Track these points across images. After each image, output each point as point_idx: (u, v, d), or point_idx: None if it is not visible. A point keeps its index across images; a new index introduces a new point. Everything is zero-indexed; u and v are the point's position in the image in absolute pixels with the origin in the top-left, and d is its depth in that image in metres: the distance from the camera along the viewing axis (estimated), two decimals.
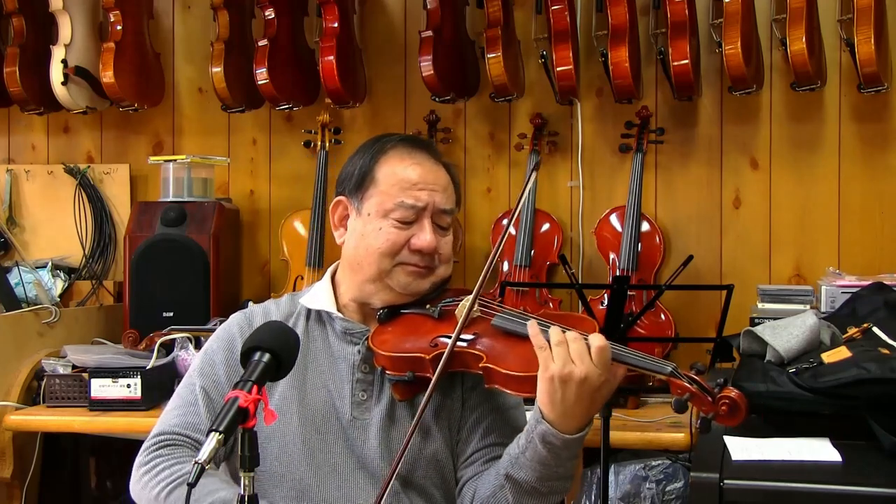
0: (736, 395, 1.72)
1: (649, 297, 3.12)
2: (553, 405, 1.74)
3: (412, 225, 1.93)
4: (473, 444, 1.94)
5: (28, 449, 3.22)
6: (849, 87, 3.40)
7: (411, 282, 1.95)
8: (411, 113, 3.75)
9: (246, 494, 1.52)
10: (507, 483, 1.82)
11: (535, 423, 1.77)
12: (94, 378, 3.05)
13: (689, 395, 1.74)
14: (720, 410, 1.73)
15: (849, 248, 3.44)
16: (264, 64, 3.48)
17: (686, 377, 1.76)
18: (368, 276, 1.95)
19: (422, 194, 1.93)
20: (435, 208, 1.95)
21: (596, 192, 3.60)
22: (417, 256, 1.93)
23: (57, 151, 4.03)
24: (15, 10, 3.67)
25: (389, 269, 1.93)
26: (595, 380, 1.74)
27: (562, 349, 1.74)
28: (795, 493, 1.95)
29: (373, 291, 1.96)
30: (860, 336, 2.46)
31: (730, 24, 3.16)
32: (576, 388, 1.73)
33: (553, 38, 3.35)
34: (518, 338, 1.85)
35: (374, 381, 1.94)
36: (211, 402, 1.90)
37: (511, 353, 1.83)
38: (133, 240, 3.51)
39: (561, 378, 1.73)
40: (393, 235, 1.92)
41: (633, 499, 2.89)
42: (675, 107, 3.54)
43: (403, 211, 1.92)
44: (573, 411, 1.74)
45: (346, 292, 2.01)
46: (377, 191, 1.94)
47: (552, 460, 1.77)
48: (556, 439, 1.75)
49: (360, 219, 1.96)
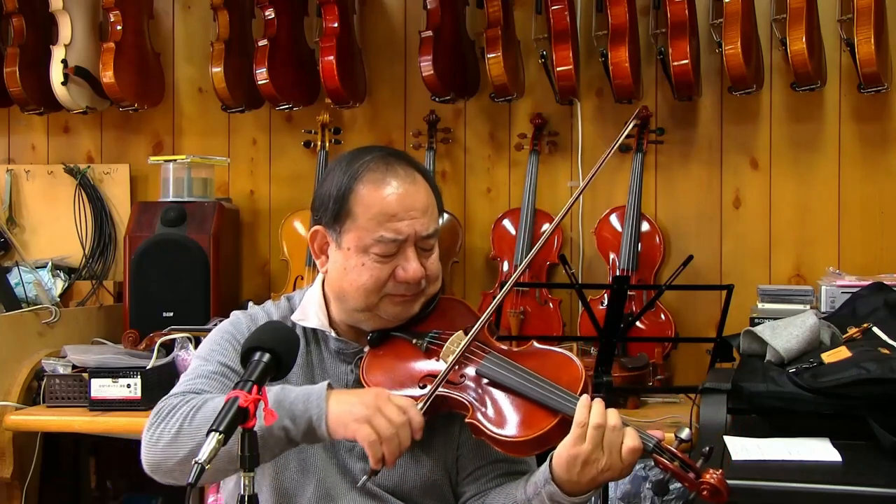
0: (717, 479, 1.66)
1: (649, 297, 3.12)
2: (569, 475, 1.72)
3: (395, 256, 1.84)
4: (474, 463, 1.91)
5: (28, 449, 3.22)
6: (849, 87, 3.40)
7: (400, 311, 1.89)
8: (411, 113, 3.75)
9: (246, 494, 1.52)
10: None
11: (543, 481, 1.76)
12: (94, 378, 3.05)
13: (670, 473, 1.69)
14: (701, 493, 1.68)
15: (849, 248, 3.44)
16: (264, 64, 3.48)
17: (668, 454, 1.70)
18: (356, 307, 1.89)
19: (402, 225, 1.83)
20: (417, 237, 1.84)
21: (596, 192, 3.60)
22: (404, 287, 1.86)
23: (57, 151, 4.04)
24: (15, 10, 3.67)
25: (377, 301, 1.87)
26: (616, 472, 1.72)
27: (598, 434, 1.69)
28: (795, 493, 1.95)
29: (362, 319, 1.91)
30: (860, 336, 2.46)
31: (730, 24, 3.16)
32: (594, 473, 1.71)
33: (553, 38, 3.35)
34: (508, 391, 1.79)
35: None
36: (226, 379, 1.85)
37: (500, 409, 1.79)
38: (133, 240, 3.51)
39: (586, 461, 1.70)
40: (376, 271, 1.84)
41: (633, 499, 2.89)
42: (675, 107, 3.54)
43: (384, 246, 1.83)
44: (585, 484, 1.73)
45: (336, 313, 1.94)
46: (354, 225, 1.83)
47: None
48: (564, 501, 1.75)
49: (341, 252, 1.87)
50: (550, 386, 1.76)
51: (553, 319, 3.46)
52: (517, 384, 1.78)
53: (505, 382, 1.80)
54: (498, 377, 1.80)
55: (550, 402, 1.74)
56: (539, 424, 1.74)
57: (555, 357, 1.85)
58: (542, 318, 3.44)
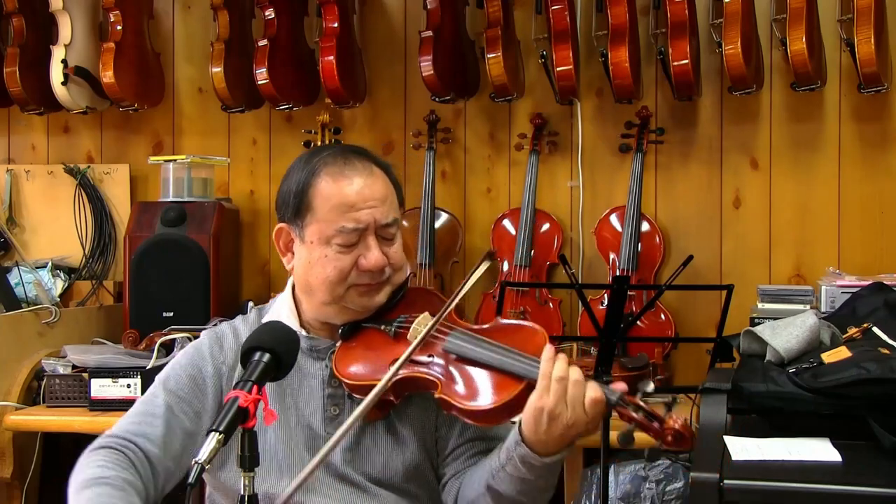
0: (681, 425, 1.68)
1: (649, 297, 3.12)
2: (536, 434, 1.73)
3: (356, 246, 1.88)
4: (453, 441, 1.94)
5: (28, 449, 3.22)
6: (849, 87, 3.40)
7: (366, 301, 1.92)
8: (411, 113, 3.75)
9: (246, 494, 1.52)
10: (487, 492, 1.82)
11: (514, 445, 1.77)
12: (94, 378, 3.06)
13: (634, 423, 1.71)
14: (666, 440, 1.69)
15: (849, 248, 3.44)
16: (264, 64, 3.49)
17: (632, 405, 1.72)
18: (323, 301, 1.92)
19: (361, 214, 1.87)
20: (376, 225, 1.88)
21: (596, 192, 3.60)
22: (367, 276, 1.89)
23: (57, 151, 4.04)
24: (15, 10, 3.67)
25: (343, 293, 1.90)
26: (581, 427, 1.73)
27: (560, 387, 1.71)
28: (795, 493, 1.95)
29: (331, 313, 1.94)
30: (860, 336, 2.46)
31: (730, 24, 3.16)
32: (561, 429, 1.72)
33: (553, 38, 3.35)
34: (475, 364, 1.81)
35: (345, 395, 1.92)
36: (173, 416, 1.88)
37: (468, 381, 1.80)
38: (133, 240, 3.51)
39: (550, 415, 1.71)
40: (339, 262, 1.87)
41: (633, 499, 2.89)
42: (675, 107, 3.54)
43: (345, 236, 1.87)
44: (554, 443, 1.74)
45: (307, 311, 1.97)
46: (314, 218, 1.88)
47: (532, 477, 1.77)
48: (536, 461, 1.75)
49: (305, 246, 1.91)
50: (516, 354, 1.79)
51: (553, 319, 3.46)
52: (482, 355, 1.81)
53: (470, 356, 1.82)
54: (464, 351, 1.83)
55: (516, 368, 1.77)
56: (506, 391, 1.76)
57: (519, 329, 1.90)
58: (542, 318, 3.44)
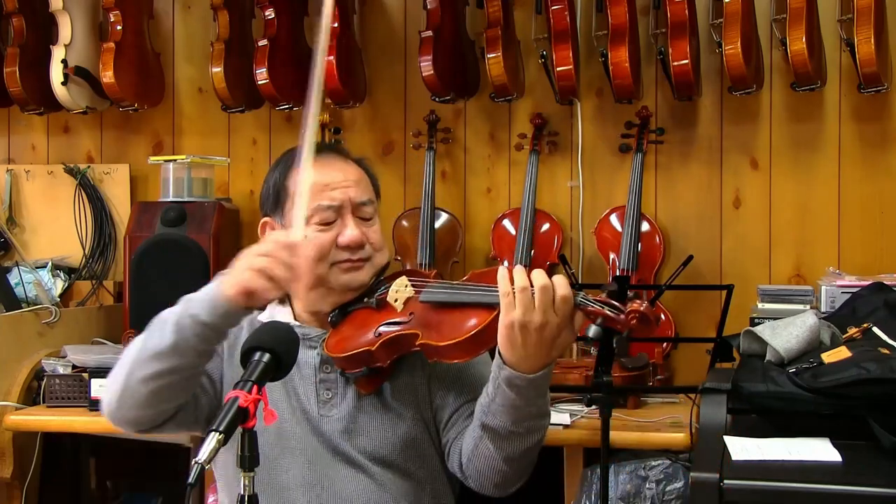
0: (644, 307, 1.72)
1: (649, 297, 3.12)
2: (513, 350, 1.77)
3: (334, 224, 1.98)
4: (450, 408, 1.99)
5: (28, 449, 3.22)
6: (849, 87, 3.40)
7: (349, 278, 2.00)
8: (411, 113, 3.75)
9: (246, 494, 1.52)
10: (484, 433, 1.86)
11: (498, 370, 1.81)
12: (94, 378, 3.05)
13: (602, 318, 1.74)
14: (631, 325, 1.72)
15: (849, 248, 3.43)
16: (264, 64, 3.48)
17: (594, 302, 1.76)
18: (308, 284, 1.99)
19: (335, 193, 1.99)
20: (352, 203, 2.00)
21: (596, 192, 3.60)
22: (348, 252, 1.98)
23: (57, 151, 4.03)
24: (15, 10, 3.66)
25: (326, 272, 1.98)
26: (554, 328, 1.76)
27: (525, 296, 1.75)
28: (795, 493, 1.95)
29: (317, 297, 2.02)
30: (860, 336, 2.46)
31: (730, 24, 3.16)
32: (535, 335, 1.75)
33: (553, 38, 3.35)
34: (450, 307, 1.89)
35: (337, 378, 1.99)
36: None
37: (445, 323, 1.87)
38: (133, 240, 3.51)
39: (521, 325, 1.75)
40: (319, 239, 1.97)
41: (633, 499, 2.89)
42: (675, 107, 3.54)
43: (322, 213, 1.97)
44: (533, 354, 1.77)
45: (297, 304, 2.07)
46: (292, 202, 1.98)
47: (522, 402, 1.80)
48: (521, 381, 1.78)
49: None
50: (484, 287, 1.85)
51: None
52: (454, 295, 1.89)
53: (444, 299, 1.90)
54: (437, 297, 1.91)
55: (486, 298, 1.83)
56: (479, 319, 1.82)
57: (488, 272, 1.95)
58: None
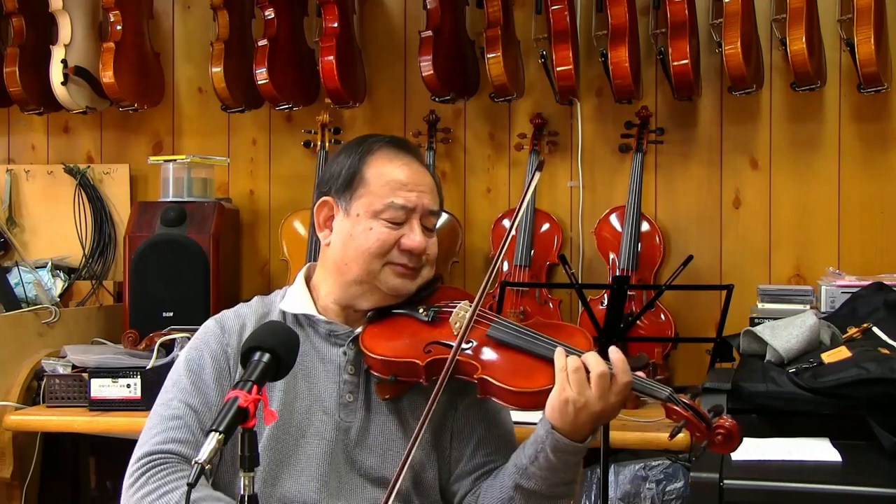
0: (731, 424, 1.70)
1: (649, 297, 3.12)
2: (564, 423, 1.75)
3: (402, 226, 1.92)
4: (466, 459, 1.94)
5: (28, 449, 3.22)
6: (849, 87, 3.40)
7: (399, 283, 1.93)
8: (411, 113, 3.75)
9: (246, 494, 1.52)
10: (515, 494, 1.82)
11: (545, 435, 1.78)
12: (94, 378, 3.05)
13: (685, 421, 1.73)
14: (715, 440, 1.71)
15: (849, 248, 3.43)
16: (264, 64, 3.48)
17: (682, 403, 1.74)
18: (356, 278, 1.93)
19: (411, 195, 1.92)
20: (424, 209, 1.94)
21: (596, 192, 3.60)
22: (406, 257, 1.92)
23: (57, 151, 4.04)
24: (15, 10, 3.67)
25: (378, 269, 1.92)
26: (610, 411, 1.76)
27: (579, 376, 1.73)
28: (795, 493, 1.95)
29: (359, 293, 1.95)
30: (860, 336, 2.46)
31: (730, 24, 3.16)
32: (589, 416, 1.74)
33: (553, 38, 3.35)
34: (515, 350, 1.85)
35: (360, 382, 1.93)
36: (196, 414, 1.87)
37: (507, 365, 1.83)
38: (133, 240, 3.51)
39: (576, 404, 1.73)
40: (384, 235, 1.91)
41: (633, 499, 2.89)
42: (674, 107, 3.54)
43: (394, 212, 1.91)
44: (583, 428, 1.76)
45: (327, 295, 1.98)
46: (367, 191, 1.92)
47: (561, 467, 1.79)
48: (568, 447, 1.77)
49: (349, 219, 1.94)
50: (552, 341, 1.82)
51: (553, 319, 3.46)
52: (522, 340, 1.84)
53: (511, 341, 1.85)
54: (507, 338, 1.86)
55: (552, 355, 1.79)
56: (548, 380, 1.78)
57: (563, 326, 1.93)
58: (542, 317, 3.43)
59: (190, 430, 1.85)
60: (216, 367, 1.91)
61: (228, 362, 1.93)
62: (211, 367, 1.91)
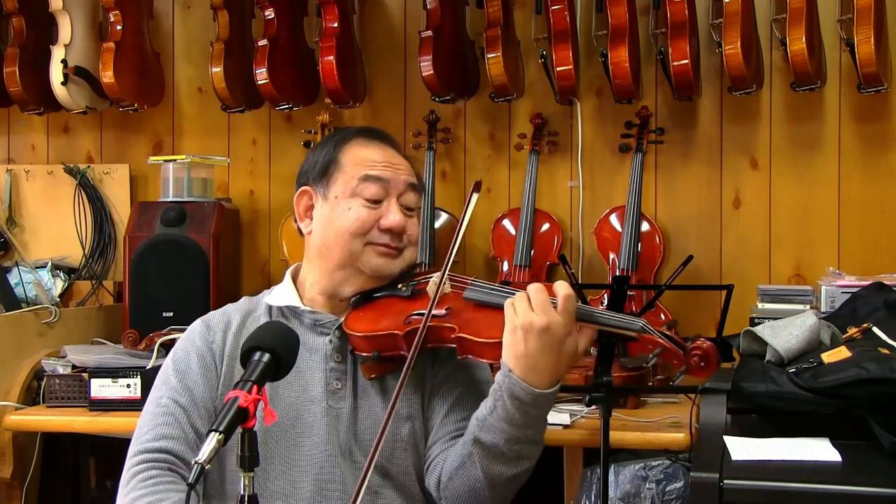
0: (708, 346, 1.72)
1: (649, 297, 3.12)
2: (517, 358, 1.75)
3: (380, 205, 1.96)
4: (439, 423, 1.96)
5: (28, 449, 3.22)
6: (849, 87, 3.40)
7: (382, 263, 1.97)
8: (411, 113, 3.75)
9: (246, 494, 1.52)
10: (474, 448, 1.81)
11: (502, 379, 1.78)
12: (94, 378, 3.05)
13: (660, 349, 1.73)
14: (692, 362, 1.72)
15: (849, 248, 3.44)
16: (264, 64, 3.48)
17: (657, 332, 1.75)
18: (338, 261, 1.96)
19: (386, 171, 1.97)
20: (401, 186, 1.98)
21: (596, 192, 3.60)
22: (387, 236, 1.96)
23: (57, 151, 4.04)
24: (15, 10, 3.67)
25: (360, 250, 1.95)
26: (558, 330, 1.74)
27: (523, 301, 1.76)
28: (795, 493, 1.95)
29: (343, 278, 1.98)
30: (860, 336, 2.46)
31: (730, 24, 3.16)
32: (538, 338, 1.73)
33: (553, 38, 3.35)
34: (490, 308, 1.88)
35: (347, 369, 1.95)
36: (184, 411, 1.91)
37: (483, 322, 1.86)
38: (133, 240, 3.51)
39: (523, 327, 1.74)
40: (363, 214, 1.94)
41: (633, 499, 2.89)
42: (674, 107, 3.54)
43: (370, 186, 1.95)
44: (539, 364, 1.75)
45: (312, 286, 2.02)
46: (342, 173, 1.97)
47: (520, 419, 1.77)
48: (525, 394, 1.75)
49: (328, 203, 1.98)
50: None
51: None
52: (497, 297, 1.87)
53: (486, 300, 1.89)
54: (481, 297, 1.91)
55: None
56: None
57: None
58: None
59: (180, 426, 1.89)
60: (202, 363, 1.95)
61: (214, 359, 1.97)
62: (197, 365, 1.95)
